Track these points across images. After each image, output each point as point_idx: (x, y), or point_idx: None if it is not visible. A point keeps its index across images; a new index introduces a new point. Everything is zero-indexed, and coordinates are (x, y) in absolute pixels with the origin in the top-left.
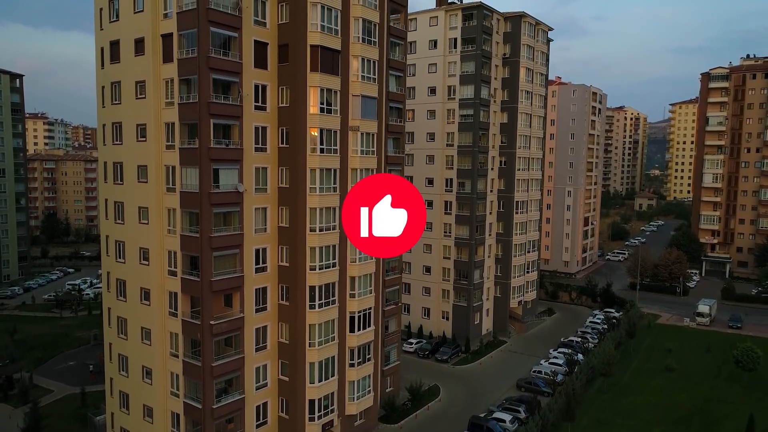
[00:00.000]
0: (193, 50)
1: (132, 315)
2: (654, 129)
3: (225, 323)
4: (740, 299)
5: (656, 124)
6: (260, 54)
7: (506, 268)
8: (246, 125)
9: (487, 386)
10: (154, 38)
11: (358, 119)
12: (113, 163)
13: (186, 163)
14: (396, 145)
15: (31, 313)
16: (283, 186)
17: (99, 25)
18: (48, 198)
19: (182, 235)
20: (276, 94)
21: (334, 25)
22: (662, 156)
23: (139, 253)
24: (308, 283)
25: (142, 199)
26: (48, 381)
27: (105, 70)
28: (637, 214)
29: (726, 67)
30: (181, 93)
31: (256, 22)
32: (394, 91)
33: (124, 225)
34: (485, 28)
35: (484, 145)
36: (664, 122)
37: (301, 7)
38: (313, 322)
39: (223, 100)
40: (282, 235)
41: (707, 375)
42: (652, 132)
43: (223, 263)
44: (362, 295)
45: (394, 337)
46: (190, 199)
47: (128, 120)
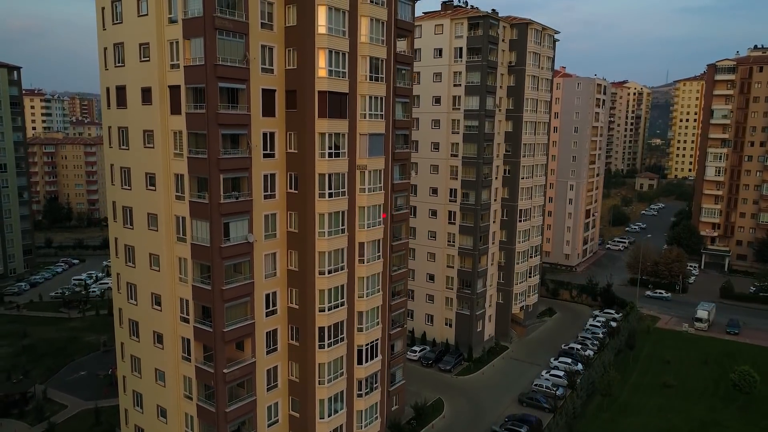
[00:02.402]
0: (201, 105)
1: (146, 356)
2: (657, 94)
3: (237, 370)
4: (739, 298)
5: (659, 88)
6: (268, 102)
7: (509, 275)
8: (255, 174)
9: (490, 399)
10: (162, 88)
11: (365, 158)
12: (122, 206)
13: (196, 216)
14: (402, 171)
15: (39, 312)
16: (292, 230)
17: (104, 65)
18: (49, 182)
19: (194, 285)
20: (284, 140)
21: (342, 68)
22: (664, 122)
23: (152, 298)
24: (317, 324)
25: (152, 246)
26: (61, 394)
27: (110, 112)
28: (638, 196)
29: (733, 59)
30: (189, 146)
31: (263, 69)
32: (400, 119)
33: (135, 269)
34: (491, 38)
35: (489, 156)
36: (667, 86)
37: (309, 53)
38: (323, 361)
39: (232, 152)
40: (291, 277)
41: (704, 393)
42: (655, 97)
43: (234, 312)
44: (370, 328)
45: (399, 358)
46: (201, 251)
47: (137, 166)
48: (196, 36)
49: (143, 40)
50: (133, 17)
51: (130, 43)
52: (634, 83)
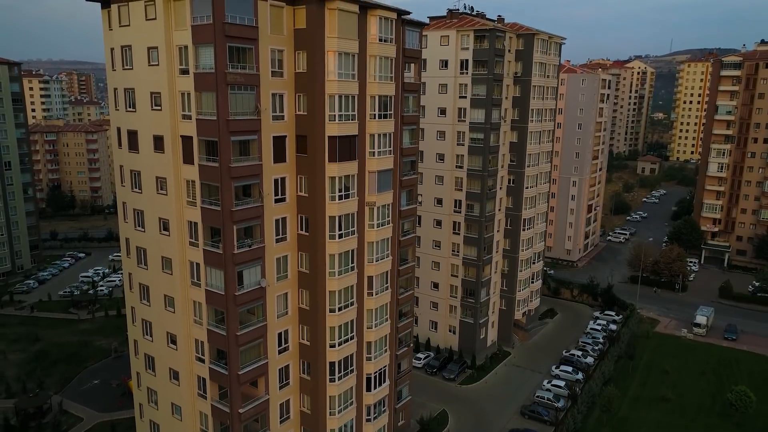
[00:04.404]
0: (214, 158)
1: (162, 391)
2: (660, 63)
3: (252, 408)
4: (737, 299)
5: (662, 57)
6: (279, 148)
7: (512, 283)
8: (267, 220)
9: (493, 410)
10: (174, 137)
11: (374, 194)
12: (136, 246)
13: (210, 264)
14: (409, 197)
15: (49, 313)
16: (303, 270)
17: (114, 105)
18: (51, 170)
19: (209, 329)
20: (295, 183)
21: (351, 111)
22: (667, 92)
23: (167, 336)
24: (328, 360)
25: (167, 288)
26: (76, 406)
27: (122, 152)
28: (640, 180)
29: (739, 54)
30: (203, 195)
31: (274, 117)
32: (407, 147)
33: (151, 307)
34: (497, 50)
35: (494, 168)
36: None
37: (319, 99)
38: (333, 394)
39: (245, 202)
40: (303, 315)
41: (701, 408)
42: (658, 66)
43: (249, 354)
44: (378, 357)
45: (406, 376)
46: (216, 298)
47: (150, 210)
48: (208, 90)
49: (155, 90)
50: (144, 66)
51: (141, 90)
52: (638, 62)
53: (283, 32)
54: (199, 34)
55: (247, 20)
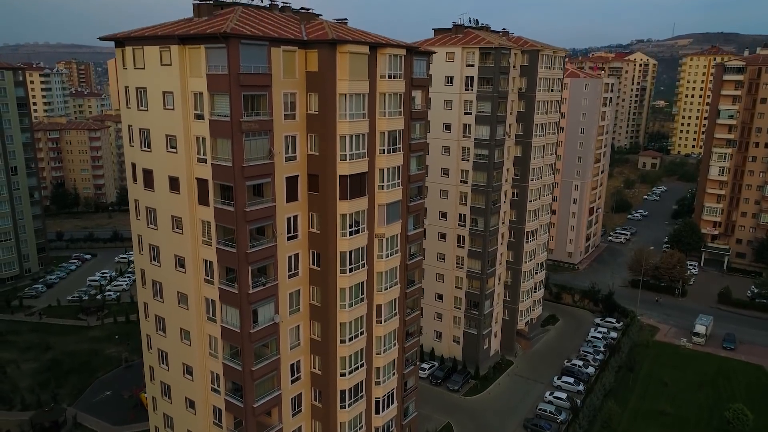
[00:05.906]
0: (229, 202)
1: (179, 418)
2: (661, 48)
3: None
4: (736, 305)
5: (664, 42)
6: (291, 188)
7: (515, 294)
8: (281, 258)
9: (496, 422)
10: (189, 179)
11: (383, 227)
12: (152, 281)
13: (225, 302)
14: (416, 222)
15: (58, 320)
16: (314, 303)
17: (129, 142)
18: (55, 168)
19: (224, 363)
20: (307, 220)
21: (362, 149)
22: (669, 77)
23: (183, 368)
24: (339, 388)
25: (183, 322)
26: (90, 419)
27: (137, 188)
28: (641, 176)
29: (742, 58)
30: (218, 236)
31: (287, 158)
32: (415, 173)
33: (167, 338)
34: (503, 68)
35: (498, 183)
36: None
37: (331, 139)
38: (344, 420)
39: (259, 242)
40: (314, 346)
41: (699, 422)
42: (659, 51)
43: (263, 386)
44: (386, 380)
45: (412, 393)
46: (231, 335)
47: (167, 248)
48: (223, 137)
49: (170, 133)
50: (159, 109)
51: (156, 131)
52: (640, 54)
53: (295, 76)
54: (215, 83)
55: (261, 68)
